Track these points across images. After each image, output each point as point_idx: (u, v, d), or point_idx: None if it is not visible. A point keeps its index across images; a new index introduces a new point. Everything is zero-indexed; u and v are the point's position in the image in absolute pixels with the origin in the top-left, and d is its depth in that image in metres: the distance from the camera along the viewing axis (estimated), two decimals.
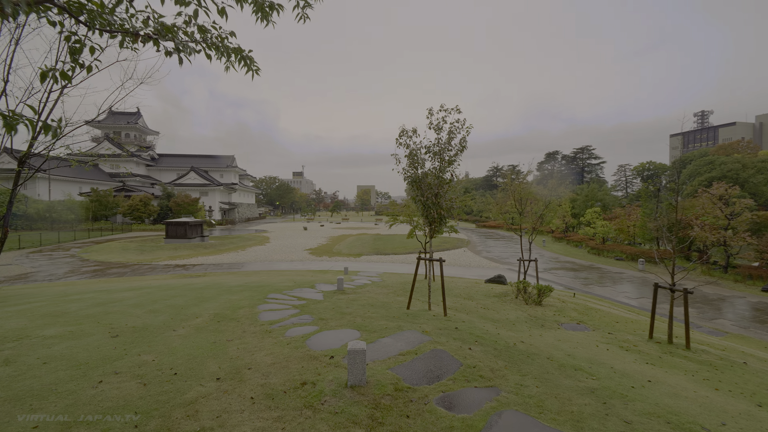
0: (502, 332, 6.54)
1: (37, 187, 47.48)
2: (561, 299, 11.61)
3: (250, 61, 2.45)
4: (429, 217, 7.75)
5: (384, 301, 9.12)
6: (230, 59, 2.36)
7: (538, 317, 8.74)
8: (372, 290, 11.52)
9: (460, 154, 7.91)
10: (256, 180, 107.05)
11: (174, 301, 8.90)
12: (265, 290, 10.72)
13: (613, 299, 15.43)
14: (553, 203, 12.06)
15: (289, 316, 7.25)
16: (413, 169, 7.86)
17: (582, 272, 21.93)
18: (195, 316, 7.27)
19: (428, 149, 7.80)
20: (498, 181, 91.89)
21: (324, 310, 7.70)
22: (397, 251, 27.77)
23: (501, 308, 9.49)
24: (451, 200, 7.87)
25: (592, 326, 8.33)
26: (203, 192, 64.41)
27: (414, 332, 5.84)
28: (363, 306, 8.34)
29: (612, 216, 33.52)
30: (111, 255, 24.07)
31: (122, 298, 9.55)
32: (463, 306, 9.46)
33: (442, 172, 7.78)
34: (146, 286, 12.30)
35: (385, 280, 14.75)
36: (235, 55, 2.35)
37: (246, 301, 8.89)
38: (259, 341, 5.58)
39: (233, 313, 7.62)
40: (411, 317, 7.16)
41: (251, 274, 17.10)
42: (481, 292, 12.01)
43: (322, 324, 6.54)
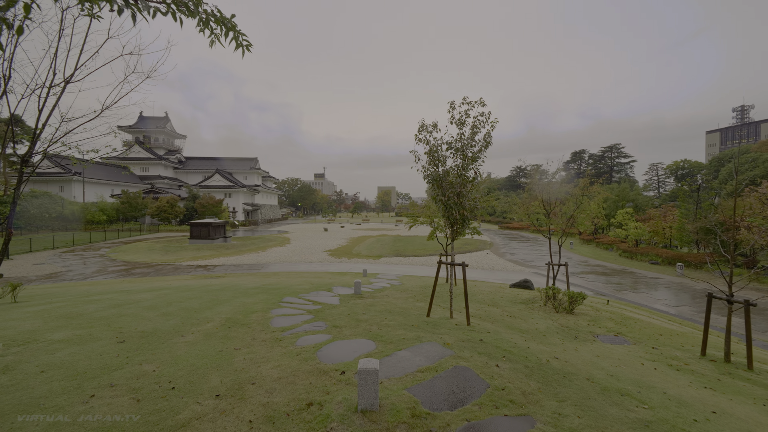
0: (532, 345, 5.92)
1: (73, 190, 49.88)
2: (594, 307, 10.75)
3: (236, 33, 2.03)
4: (451, 218, 7.21)
5: (403, 307, 8.63)
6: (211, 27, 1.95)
7: (571, 327, 8.01)
8: (390, 294, 11.06)
9: (484, 151, 7.34)
10: (278, 182, 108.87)
11: (188, 304, 8.74)
12: (281, 293, 10.46)
13: (651, 307, 14.30)
14: (586, 203, 11.20)
15: (302, 323, 6.89)
16: (434, 167, 7.34)
17: (614, 277, 20.65)
18: (206, 321, 7.03)
19: (450, 145, 7.27)
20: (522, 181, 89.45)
21: (339, 317, 7.30)
22: (418, 253, 27.18)
23: (529, 317, 8.80)
24: (475, 200, 7.30)
25: (633, 339, 7.53)
26: (227, 193, 65.87)
27: (434, 344, 5.32)
28: (380, 312, 7.88)
29: (645, 217, 31.63)
30: (137, 255, 24.71)
31: (139, 300, 9.50)
32: (488, 314, 8.83)
33: (464, 170, 7.22)
34: (165, 287, 12.32)
35: (404, 283, 14.26)
36: (217, 23, 1.95)
37: (260, 304, 8.63)
38: (267, 351, 5.23)
39: (245, 317, 7.34)
40: (431, 326, 6.64)
41: (270, 275, 17.00)
42: (506, 298, 11.31)
43: (336, 332, 6.12)
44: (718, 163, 71.29)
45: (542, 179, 11.08)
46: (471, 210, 7.24)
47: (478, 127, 7.25)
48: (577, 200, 11.10)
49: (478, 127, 7.25)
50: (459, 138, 7.29)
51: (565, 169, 11.14)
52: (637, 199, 38.75)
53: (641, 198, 38.94)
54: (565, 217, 11.39)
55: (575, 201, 11.17)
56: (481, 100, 7.29)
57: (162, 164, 68.09)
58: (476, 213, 7.38)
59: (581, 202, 11.07)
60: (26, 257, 22.82)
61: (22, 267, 19.72)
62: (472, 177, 7.27)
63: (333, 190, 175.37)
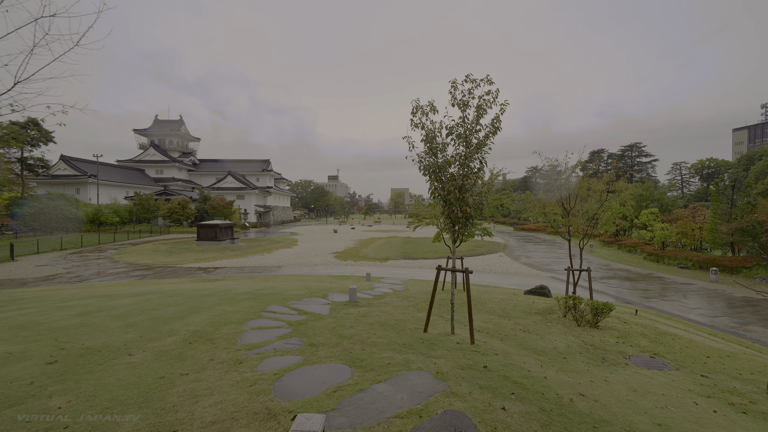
0: (550, 374, 4.76)
1: (89, 192, 50.70)
2: (621, 319, 9.41)
3: None
4: (452, 216, 6.10)
5: (399, 319, 7.55)
6: None
7: (597, 346, 6.77)
8: (390, 302, 9.99)
9: (491, 137, 6.21)
10: (291, 184, 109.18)
11: (162, 312, 7.89)
12: (269, 300, 9.55)
13: (685, 317, 12.76)
14: (612, 201, 9.88)
15: (276, 339, 5.90)
16: (431, 157, 6.25)
17: (640, 282, 18.99)
18: (169, 334, 6.13)
19: (450, 131, 6.17)
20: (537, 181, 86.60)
21: (321, 332, 6.28)
22: (427, 256, 25.99)
23: (546, 331, 7.58)
24: (480, 195, 6.17)
25: (674, 362, 6.25)
26: (239, 195, 66.01)
27: (424, 374, 4.23)
28: (371, 326, 6.82)
29: (672, 218, 29.55)
30: (141, 257, 24.36)
31: (114, 306, 8.74)
32: (497, 327, 7.66)
33: (468, 160, 6.11)
34: (152, 292, 11.58)
35: (408, 288, 13.16)
36: None
37: (239, 314, 7.70)
38: (218, 378, 4.25)
39: (215, 330, 6.41)
40: (426, 345, 5.55)
41: (268, 279, 16.16)
42: (520, 307, 10.07)
43: (310, 353, 5.10)
44: (747, 161, 67.36)
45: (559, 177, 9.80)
46: (476, 207, 6.11)
47: (484, 108, 6.13)
48: (601, 197, 9.80)
49: (484, 109, 6.13)
50: (461, 122, 6.18)
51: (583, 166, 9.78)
52: (662, 199, 36.48)
53: (666, 198, 36.66)
54: (587, 216, 10.10)
55: (598, 198, 9.87)
56: (487, 78, 6.17)
57: (176, 166, 68.85)
58: (483, 210, 6.25)
59: (606, 199, 9.77)
60: (31, 258, 22.73)
61: (24, 268, 19.50)
62: (477, 168, 6.15)
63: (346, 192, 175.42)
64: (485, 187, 6.38)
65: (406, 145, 6.27)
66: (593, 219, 10.01)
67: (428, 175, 6.22)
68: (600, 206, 9.81)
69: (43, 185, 49.00)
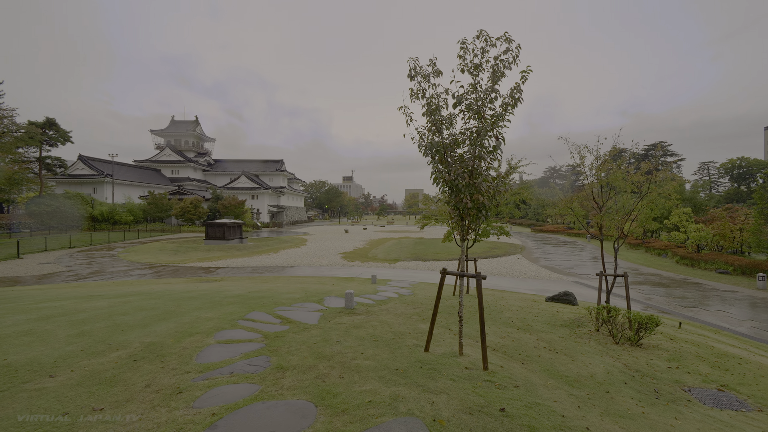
0: (593, 420, 3.46)
1: (105, 191, 51.41)
2: (665, 333, 7.91)
3: None
4: (460, 206, 4.84)
5: (397, 332, 6.33)
6: None
7: (644, 372, 5.38)
8: (392, 309, 8.78)
9: (510, 110, 4.93)
10: (306, 184, 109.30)
11: (130, 318, 6.93)
12: (257, 304, 8.53)
13: (735, 331, 11.05)
14: (653, 194, 8.42)
15: (240, 357, 4.78)
16: (434, 134, 5.02)
17: (675, 289, 17.14)
18: (119, 347, 5.12)
19: (459, 99, 4.92)
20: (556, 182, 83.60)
21: (297, 349, 5.13)
22: (439, 257, 24.63)
23: (576, 350, 6.22)
24: (497, 181, 4.90)
25: (752, 398, 4.81)
26: (253, 195, 65.99)
27: (414, 423, 3.01)
28: (361, 340, 5.63)
29: (707, 219, 27.24)
30: (146, 256, 23.90)
31: (82, 310, 7.88)
32: (517, 344, 6.34)
33: (481, 137, 4.85)
34: (137, 293, 10.73)
35: (416, 293, 11.92)
36: None
37: (214, 322, 6.66)
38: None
39: (176, 343, 5.36)
40: (426, 371, 4.32)
41: (267, 280, 15.19)
42: (542, 318, 8.69)
43: (272, 381, 3.96)
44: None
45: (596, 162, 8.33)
46: (491, 196, 4.84)
47: (501, 71, 4.86)
48: (641, 188, 8.34)
49: (502, 72, 4.86)
50: (473, 89, 4.93)
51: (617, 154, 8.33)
52: (694, 199, 33.94)
53: (699, 198, 34.12)
54: (622, 212, 8.65)
55: (636, 189, 8.42)
56: (506, 36, 4.91)
57: (191, 166, 69.47)
58: (499, 201, 4.96)
59: (647, 191, 8.30)
60: (37, 256, 22.54)
61: (27, 266, 19.19)
62: (492, 146, 4.89)
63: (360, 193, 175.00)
64: (500, 177, 5.08)
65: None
66: (629, 215, 8.55)
67: (430, 156, 4.98)
68: (639, 200, 8.35)
69: (62, 184, 49.93)
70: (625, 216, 8.59)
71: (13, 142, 36.15)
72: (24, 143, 38.11)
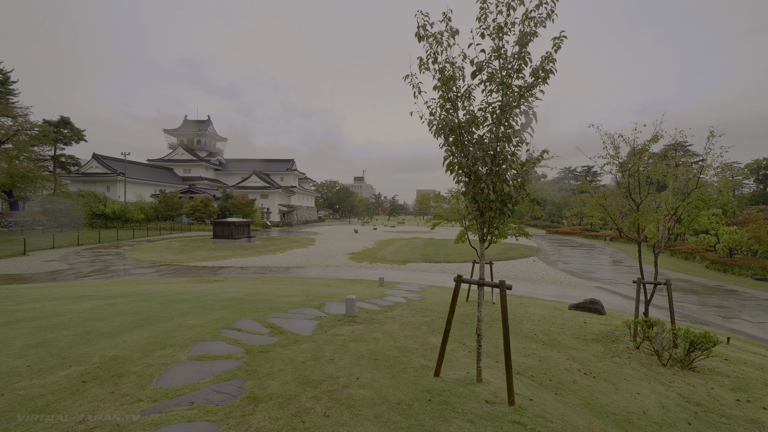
0: None
1: (118, 189, 51.85)
2: (721, 355, 6.77)
3: None
4: (479, 198, 3.91)
5: (402, 347, 5.42)
6: None
7: (707, 407, 4.34)
8: (398, 317, 7.87)
9: (541, 83, 3.97)
10: (317, 184, 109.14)
11: (105, 324, 6.21)
12: (250, 309, 7.76)
13: None
14: (703, 189, 7.33)
15: (210, 380, 3.95)
16: (448, 111, 4.10)
17: (709, 297, 15.74)
18: (74, 362, 4.36)
19: (479, 67, 3.99)
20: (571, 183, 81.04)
21: (281, 370, 4.27)
22: (451, 259, 23.57)
23: (617, 373, 5.19)
24: (526, 166, 3.94)
25: None
26: (263, 194, 65.88)
27: None
28: (359, 359, 4.74)
29: (740, 221, 25.44)
30: (151, 254, 23.52)
31: (63, 312, 7.28)
32: (545, 364, 5.35)
33: (506, 113, 3.91)
34: (128, 294, 10.08)
35: (425, 298, 10.99)
36: None
37: (194, 330, 5.87)
38: None
39: (142, 358, 4.57)
40: (436, 409, 3.40)
41: (269, 281, 14.45)
42: (569, 330, 7.65)
43: (237, 420, 3.10)
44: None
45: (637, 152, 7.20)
46: (518, 185, 3.89)
47: (532, 31, 3.91)
48: (688, 184, 7.24)
49: (534, 32, 3.91)
50: (496, 55, 3.99)
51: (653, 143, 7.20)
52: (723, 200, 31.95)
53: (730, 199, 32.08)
54: (663, 211, 7.54)
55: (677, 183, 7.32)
56: None
57: (203, 166, 69.79)
58: (527, 192, 4.00)
59: (696, 186, 7.19)
60: (44, 253, 22.37)
61: (30, 264, 18.93)
62: (519, 126, 3.94)
63: (372, 193, 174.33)
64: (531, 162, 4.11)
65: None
66: (673, 215, 7.44)
67: (443, 137, 4.06)
68: (687, 195, 7.23)
69: (76, 182, 50.56)
70: (668, 215, 7.48)
71: (28, 140, 36.53)
72: (38, 141, 38.49)
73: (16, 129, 35.59)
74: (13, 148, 36.27)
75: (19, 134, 36.22)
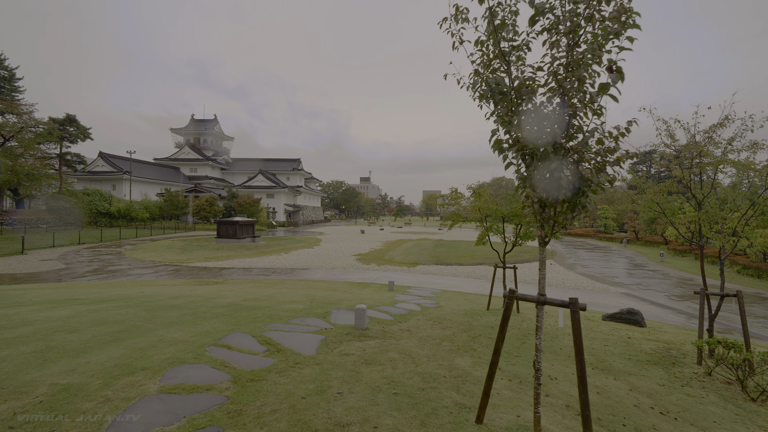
0: None
1: (124, 188, 51.54)
2: None
3: None
4: (545, 185, 2.86)
5: (426, 374, 4.39)
6: None
7: None
8: (415, 330, 6.85)
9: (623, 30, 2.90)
10: (323, 184, 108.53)
11: (75, 338, 5.29)
12: (245, 319, 6.80)
13: None
14: None
15: (175, 430, 2.96)
16: (492, 70, 3.06)
17: (751, 305, 14.46)
18: (9, 396, 3.44)
19: (540, 9, 2.94)
20: None
21: (273, 411, 3.27)
22: (462, 261, 22.45)
23: (698, 412, 4.11)
24: (614, 139, 2.86)
25: None
26: (269, 194, 65.24)
27: None
28: (374, 394, 3.73)
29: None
30: (152, 254, 22.78)
31: (35, 321, 6.50)
32: (606, 398, 4.27)
33: (578, 68, 2.86)
34: (116, 298, 9.20)
35: (441, 305, 9.95)
36: None
37: (177, 348, 4.90)
38: None
39: (100, 390, 3.61)
40: None
41: (272, 284, 13.51)
42: (615, 349, 6.55)
43: None
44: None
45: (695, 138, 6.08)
46: (599, 166, 2.83)
47: None
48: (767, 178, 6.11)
49: None
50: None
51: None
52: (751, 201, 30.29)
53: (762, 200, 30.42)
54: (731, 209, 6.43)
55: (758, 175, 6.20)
56: None
57: (209, 165, 69.42)
58: (614, 173, 2.92)
59: None
60: (43, 252, 21.74)
61: (26, 263, 18.24)
62: (599, 86, 2.89)
63: (378, 194, 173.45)
64: (620, 132, 3.04)
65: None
66: (747, 213, 6.32)
67: (492, 103, 3.02)
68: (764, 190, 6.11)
69: (82, 181, 50.33)
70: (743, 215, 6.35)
71: (34, 138, 36.18)
72: (44, 139, 38.17)
73: (20, 126, 35.25)
74: (18, 145, 35.97)
75: (24, 131, 35.89)
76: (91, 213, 41.57)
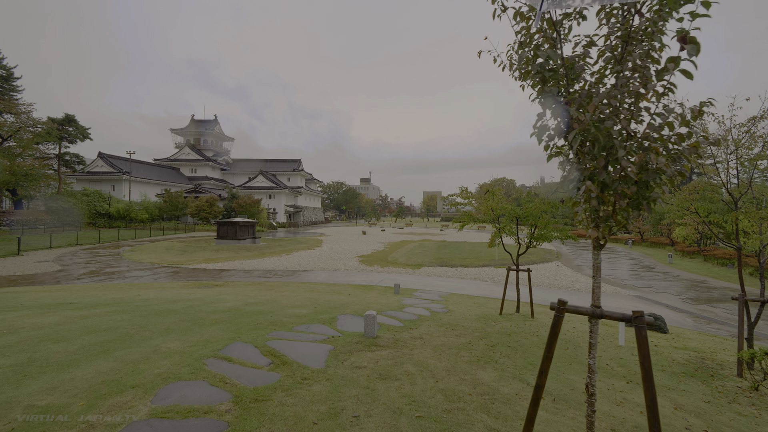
0: None
1: (124, 189, 51.13)
2: None
3: None
4: (606, 178, 2.41)
5: (448, 391, 3.94)
6: None
7: None
8: (428, 338, 6.40)
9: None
10: (324, 185, 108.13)
11: (62, 349, 4.85)
12: (246, 326, 6.36)
13: None
14: None
15: None
16: (536, 44, 2.62)
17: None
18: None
19: None
20: None
21: None
22: (468, 263, 21.99)
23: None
24: (687, 123, 2.43)
25: None
26: (270, 195, 64.82)
27: None
28: (394, 418, 3.28)
29: None
30: (150, 255, 22.33)
31: (21, 328, 6.09)
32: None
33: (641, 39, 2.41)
34: (110, 303, 8.75)
35: (451, 310, 9.49)
36: None
37: (172, 360, 4.45)
38: None
39: (85, 411, 3.17)
40: None
41: (273, 287, 13.06)
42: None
43: None
44: None
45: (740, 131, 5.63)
46: (672, 155, 2.38)
47: None
48: None
49: None
50: None
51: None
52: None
53: None
54: None
55: None
56: None
57: (210, 165, 69.03)
58: (691, 162, 2.49)
59: None
60: (38, 254, 21.29)
61: (21, 265, 17.80)
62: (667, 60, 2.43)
63: (378, 195, 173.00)
64: (697, 114, 2.59)
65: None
66: None
67: (540, 81, 2.57)
68: None
69: (81, 181, 49.91)
70: None
71: (32, 137, 35.77)
72: (42, 139, 37.75)
73: (18, 126, 34.84)
74: (16, 145, 35.54)
75: (22, 131, 35.48)
76: (90, 214, 41.13)
